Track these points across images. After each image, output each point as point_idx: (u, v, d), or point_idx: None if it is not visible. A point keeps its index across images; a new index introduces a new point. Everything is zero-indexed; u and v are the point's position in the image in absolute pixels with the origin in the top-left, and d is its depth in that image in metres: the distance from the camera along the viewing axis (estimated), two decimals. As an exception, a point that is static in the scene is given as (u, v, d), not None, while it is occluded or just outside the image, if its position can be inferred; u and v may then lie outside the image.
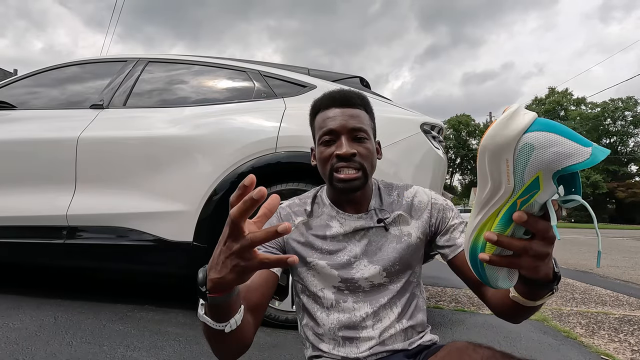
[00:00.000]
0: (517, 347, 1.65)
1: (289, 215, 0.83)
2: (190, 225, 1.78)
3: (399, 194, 0.84)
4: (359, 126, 0.77)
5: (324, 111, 0.80)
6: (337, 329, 0.76)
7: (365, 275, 0.77)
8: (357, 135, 0.77)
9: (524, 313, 0.65)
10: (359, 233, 0.80)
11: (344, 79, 2.13)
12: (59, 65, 2.35)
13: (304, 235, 0.81)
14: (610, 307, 2.48)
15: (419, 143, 1.84)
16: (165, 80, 2.21)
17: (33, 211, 1.94)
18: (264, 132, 1.83)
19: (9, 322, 1.59)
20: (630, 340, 1.80)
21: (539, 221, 0.43)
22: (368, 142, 0.78)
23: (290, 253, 0.79)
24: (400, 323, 0.76)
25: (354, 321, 0.76)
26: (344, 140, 0.76)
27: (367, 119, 0.81)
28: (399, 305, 0.77)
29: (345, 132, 0.76)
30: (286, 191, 1.74)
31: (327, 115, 0.79)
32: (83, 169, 1.93)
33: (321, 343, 0.78)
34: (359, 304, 0.77)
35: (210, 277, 0.49)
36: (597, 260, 0.43)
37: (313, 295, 0.80)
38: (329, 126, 0.77)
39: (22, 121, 2.13)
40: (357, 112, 0.79)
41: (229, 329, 0.55)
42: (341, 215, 0.81)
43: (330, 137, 0.77)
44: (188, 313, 1.87)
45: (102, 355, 1.31)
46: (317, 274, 0.79)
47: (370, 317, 0.76)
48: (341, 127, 0.76)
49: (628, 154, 43.68)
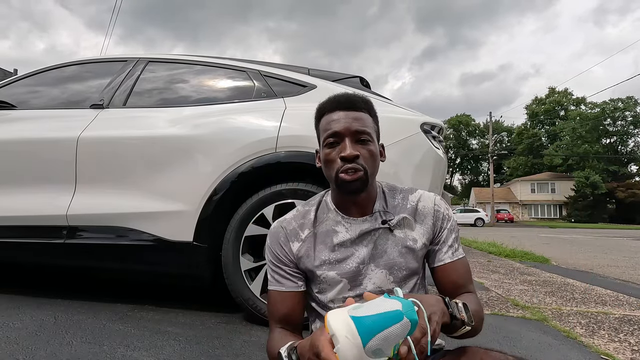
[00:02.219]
0: (517, 347, 1.64)
1: (294, 230, 0.85)
2: (190, 225, 1.78)
3: (403, 197, 0.85)
4: (362, 129, 0.79)
5: (328, 114, 0.82)
6: None
7: (373, 281, 0.79)
8: (360, 138, 0.78)
9: (456, 336, 0.71)
10: (365, 238, 0.81)
11: (344, 79, 2.13)
12: (59, 65, 2.35)
13: (312, 248, 0.83)
14: (610, 307, 2.48)
15: (419, 143, 1.84)
16: (165, 80, 2.21)
17: (33, 211, 1.94)
18: (264, 132, 1.83)
19: (9, 322, 1.59)
20: (630, 340, 1.80)
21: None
22: (372, 144, 0.80)
23: (303, 270, 0.84)
24: None
25: None
26: (348, 143, 0.77)
27: (370, 122, 0.82)
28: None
29: (349, 135, 0.78)
30: (286, 191, 1.74)
31: (331, 118, 0.80)
32: (83, 168, 1.93)
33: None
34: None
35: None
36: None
37: (323, 304, 0.82)
38: (333, 128, 0.78)
39: (22, 121, 2.13)
40: (361, 115, 0.80)
41: None
42: (346, 220, 0.82)
43: (334, 140, 0.79)
44: (188, 313, 1.87)
45: (102, 355, 1.31)
46: (329, 286, 0.81)
47: None
48: (345, 130, 0.78)
49: (628, 154, 43.69)
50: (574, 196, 35.80)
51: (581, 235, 13.09)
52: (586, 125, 41.54)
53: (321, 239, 0.82)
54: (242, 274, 1.74)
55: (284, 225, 0.85)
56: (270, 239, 0.86)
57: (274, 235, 0.85)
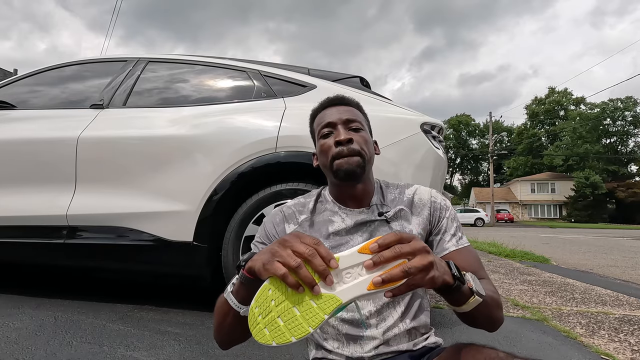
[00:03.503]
0: (517, 347, 1.64)
1: (293, 214, 0.85)
2: (190, 225, 1.78)
3: (400, 192, 0.87)
4: (353, 117, 0.84)
5: (321, 112, 0.87)
6: (341, 326, 0.76)
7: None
8: (352, 126, 0.82)
9: (470, 318, 0.68)
10: (361, 228, 0.81)
11: (344, 79, 2.13)
12: (59, 65, 2.35)
13: (306, 232, 0.82)
14: (610, 307, 2.48)
15: (419, 143, 1.84)
16: (165, 80, 2.21)
17: (33, 211, 1.94)
18: (264, 132, 1.83)
19: (9, 322, 1.59)
20: (630, 340, 1.80)
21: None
22: (364, 132, 0.84)
23: None
24: (403, 323, 0.76)
25: (357, 319, 0.76)
26: (341, 129, 0.81)
27: (361, 115, 0.87)
28: (402, 305, 0.77)
29: (341, 123, 0.82)
30: (286, 191, 1.74)
31: (324, 114, 0.86)
32: (83, 168, 1.93)
33: (325, 342, 0.78)
34: (361, 302, 0.77)
35: (255, 260, 0.58)
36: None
37: None
38: (326, 120, 0.83)
39: (22, 121, 2.13)
40: (350, 109, 0.86)
41: (244, 313, 0.62)
42: (343, 210, 0.83)
43: (328, 130, 0.83)
44: (188, 313, 1.87)
45: (102, 355, 1.31)
46: None
47: (374, 316, 0.76)
48: (337, 119, 0.82)
49: (628, 154, 43.67)
50: (574, 196, 35.78)
51: (581, 235, 13.09)
52: (586, 125, 41.54)
53: (317, 227, 0.82)
54: (242, 274, 1.74)
55: (283, 210, 0.87)
56: (266, 220, 0.86)
57: (271, 216, 0.86)
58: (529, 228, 21.19)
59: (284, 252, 0.54)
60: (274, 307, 0.53)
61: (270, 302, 0.54)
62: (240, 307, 0.63)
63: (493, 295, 0.69)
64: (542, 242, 9.44)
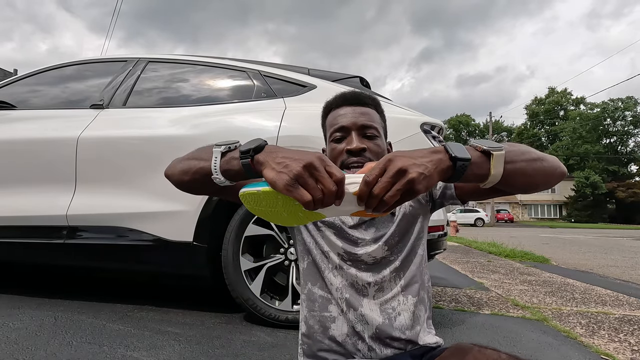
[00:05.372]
0: (517, 347, 1.64)
1: None
2: (190, 225, 1.78)
3: None
4: (369, 123, 0.78)
5: (335, 110, 0.82)
6: (344, 290, 0.77)
7: (368, 251, 0.79)
8: (367, 133, 0.78)
9: (517, 181, 0.60)
10: (366, 222, 0.81)
11: (344, 79, 2.13)
12: (59, 65, 2.35)
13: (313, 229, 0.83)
14: (610, 307, 2.48)
15: (419, 143, 1.84)
16: (165, 80, 2.21)
17: (33, 211, 1.94)
18: (264, 132, 1.83)
19: (9, 322, 1.59)
20: (630, 340, 1.80)
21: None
22: (379, 139, 0.79)
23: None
24: (405, 297, 0.77)
25: (357, 288, 0.77)
26: (355, 136, 0.77)
27: (378, 118, 0.82)
28: (403, 279, 0.78)
29: (355, 129, 0.78)
30: (286, 191, 1.74)
31: (338, 114, 0.81)
32: (83, 168, 1.93)
33: (329, 305, 0.77)
34: (361, 273, 0.78)
35: (273, 170, 0.53)
36: None
37: (321, 253, 0.81)
38: (340, 123, 0.79)
39: (22, 121, 2.13)
40: (367, 110, 0.80)
41: (221, 184, 0.61)
42: None
43: (341, 134, 0.79)
44: (188, 313, 1.87)
45: (102, 355, 1.31)
46: (325, 237, 0.81)
47: (373, 288, 0.77)
48: (352, 124, 0.78)
49: (628, 154, 43.66)
50: (574, 196, 35.80)
51: (581, 236, 13.08)
52: (586, 125, 41.55)
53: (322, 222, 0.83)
54: (242, 274, 1.74)
55: None
56: None
57: None
58: (528, 228, 21.19)
59: (311, 181, 0.51)
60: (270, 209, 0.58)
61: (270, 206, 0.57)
62: (224, 180, 0.60)
63: (520, 148, 0.61)
64: (542, 242, 9.43)
